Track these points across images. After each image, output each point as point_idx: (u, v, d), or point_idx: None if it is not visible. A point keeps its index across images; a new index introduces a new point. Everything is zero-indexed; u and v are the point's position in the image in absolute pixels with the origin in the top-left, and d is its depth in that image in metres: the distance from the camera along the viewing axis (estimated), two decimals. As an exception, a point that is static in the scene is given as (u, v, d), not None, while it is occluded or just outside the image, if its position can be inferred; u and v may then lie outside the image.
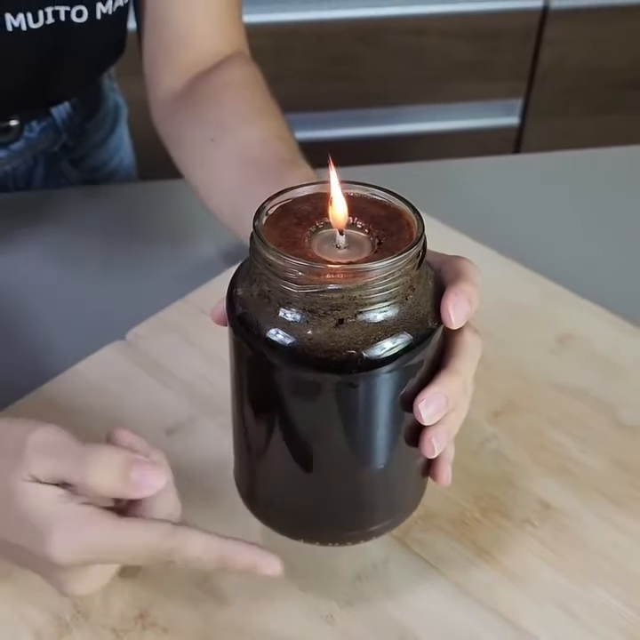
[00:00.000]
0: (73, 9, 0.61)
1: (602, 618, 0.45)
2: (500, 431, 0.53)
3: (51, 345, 0.59)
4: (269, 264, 0.36)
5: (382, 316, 0.36)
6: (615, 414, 0.55)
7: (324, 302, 0.36)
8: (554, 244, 0.70)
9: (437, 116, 1.50)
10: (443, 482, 0.43)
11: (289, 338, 0.36)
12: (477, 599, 0.45)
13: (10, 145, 0.73)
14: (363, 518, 0.43)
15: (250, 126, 0.60)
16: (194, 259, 0.67)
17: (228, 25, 0.66)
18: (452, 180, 0.77)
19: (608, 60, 1.49)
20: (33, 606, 0.44)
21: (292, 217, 0.39)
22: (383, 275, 0.36)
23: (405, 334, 0.37)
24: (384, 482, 0.42)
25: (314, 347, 0.36)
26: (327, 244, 0.38)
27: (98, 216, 0.72)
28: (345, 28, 1.39)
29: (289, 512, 0.43)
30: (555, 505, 0.50)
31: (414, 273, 0.37)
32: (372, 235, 0.38)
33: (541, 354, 0.59)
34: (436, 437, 0.40)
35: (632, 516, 0.49)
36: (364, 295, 0.36)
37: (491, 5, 1.41)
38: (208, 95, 0.63)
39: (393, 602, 0.45)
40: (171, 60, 0.66)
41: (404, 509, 0.45)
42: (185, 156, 0.64)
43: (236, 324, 0.38)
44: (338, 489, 0.42)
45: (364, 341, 0.36)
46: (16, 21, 0.59)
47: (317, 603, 0.45)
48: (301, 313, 0.36)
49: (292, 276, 0.36)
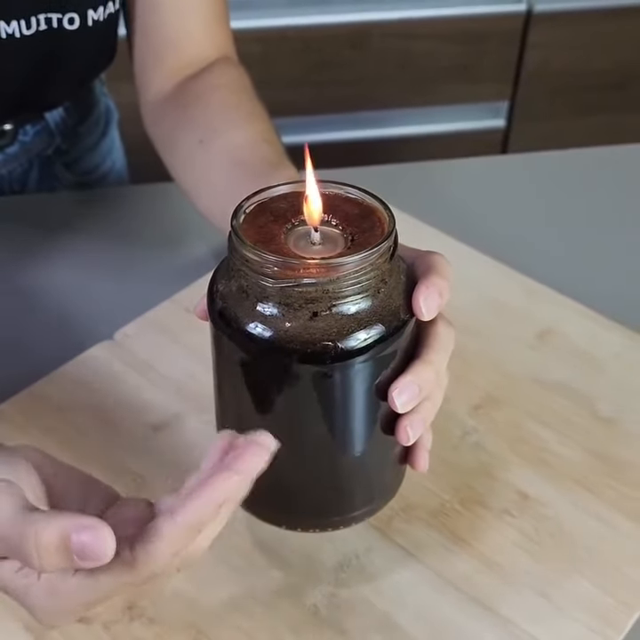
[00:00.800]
0: (65, 16, 0.62)
1: (579, 604, 0.46)
2: (480, 424, 0.55)
3: (40, 344, 0.60)
4: (246, 260, 0.37)
5: (355, 309, 0.38)
6: (593, 407, 0.56)
7: (298, 296, 0.37)
8: (535, 243, 0.71)
9: (424, 119, 1.52)
10: (420, 468, 0.44)
11: (267, 331, 0.38)
12: (457, 587, 0.47)
13: (5, 149, 0.74)
14: (342, 505, 0.44)
15: (237, 129, 0.61)
16: (182, 260, 0.68)
17: (216, 30, 0.68)
18: (437, 181, 0.78)
19: (591, 62, 1.51)
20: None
21: (269, 215, 0.40)
22: (355, 269, 0.37)
23: (378, 326, 0.38)
24: (362, 469, 0.43)
25: (290, 339, 0.37)
26: (302, 241, 0.39)
27: (88, 218, 0.73)
28: (332, 33, 1.41)
29: (270, 499, 0.44)
30: (533, 495, 0.51)
31: (386, 267, 0.38)
32: (346, 231, 0.40)
33: (521, 349, 0.60)
34: (410, 425, 0.41)
35: (608, 505, 0.50)
36: (338, 289, 0.37)
37: (476, 9, 1.42)
38: (197, 98, 0.65)
39: (375, 590, 0.46)
40: (160, 64, 0.67)
41: (382, 496, 0.46)
42: (175, 159, 0.65)
43: (216, 318, 0.40)
44: (317, 476, 0.43)
45: (338, 333, 0.37)
46: (9, 28, 0.60)
47: (302, 592, 0.46)
48: (278, 307, 0.37)
49: (267, 271, 0.37)
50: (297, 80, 1.44)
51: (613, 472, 0.52)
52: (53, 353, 0.59)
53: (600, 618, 0.45)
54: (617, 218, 0.75)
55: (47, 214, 0.73)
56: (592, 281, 0.67)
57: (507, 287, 0.65)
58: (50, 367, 0.58)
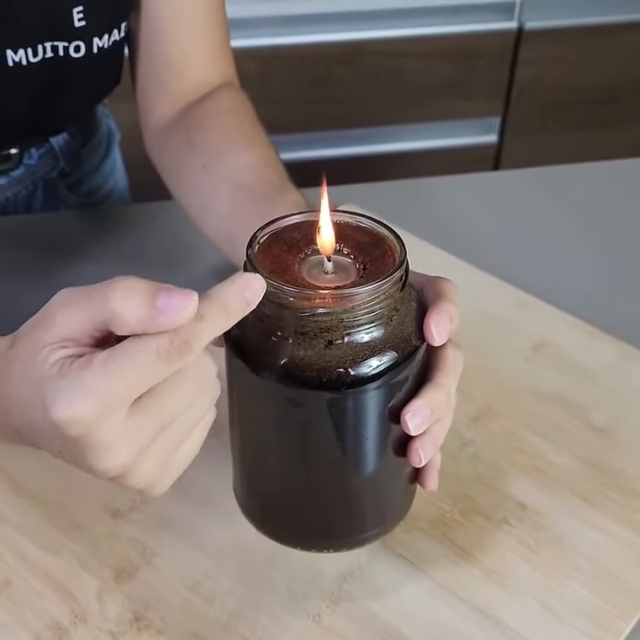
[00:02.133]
0: (71, 44, 0.63)
1: (576, 610, 0.47)
2: (477, 435, 0.56)
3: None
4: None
5: (369, 337, 0.39)
6: (587, 417, 0.58)
7: (314, 325, 0.38)
8: (528, 257, 0.72)
9: (417, 135, 1.53)
10: (430, 488, 0.45)
11: (282, 359, 0.39)
12: (458, 596, 0.47)
13: (10, 172, 0.75)
14: (356, 526, 0.46)
15: (241, 153, 0.62)
16: (182, 279, 0.69)
17: (219, 56, 0.69)
18: (430, 196, 0.79)
19: (582, 77, 1.53)
20: (31, 611, 0.46)
21: (283, 244, 0.41)
22: (369, 298, 0.38)
23: (391, 352, 0.39)
24: (374, 490, 0.44)
25: (305, 367, 0.38)
26: (316, 270, 0.40)
27: (89, 236, 0.74)
28: (325, 51, 1.43)
29: (285, 521, 0.46)
30: (530, 505, 0.52)
31: (398, 295, 0.39)
32: (358, 260, 0.41)
33: (516, 361, 0.62)
34: (422, 447, 0.42)
35: (603, 513, 0.51)
36: (352, 317, 0.38)
37: (467, 27, 1.44)
38: (200, 124, 0.66)
39: (377, 600, 0.47)
40: (163, 91, 0.68)
41: (394, 516, 0.47)
42: (179, 184, 0.66)
43: (231, 345, 0.41)
44: (330, 498, 0.44)
45: (352, 360, 0.38)
46: (17, 56, 0.62)
47: (305, 602, 0.47)
48: (293, 335, 0.38)
49: (284, 301, 0.38)
50: (291, 97, 1.45)
51: (608, 481, 0.53)
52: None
53: (598, 624, 0.46)
54: (609, 231, 0.76)
55: (49, 233, 0.74)
56: (585, 293, 0.68)
57: (500, 300, 0.67)
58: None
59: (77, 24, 0.62)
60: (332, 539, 0.46)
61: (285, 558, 0.49)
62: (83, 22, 0.62)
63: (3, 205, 0.77)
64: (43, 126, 0.72)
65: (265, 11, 1.37)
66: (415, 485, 0.47)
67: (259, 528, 0.47)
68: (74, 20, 0.62)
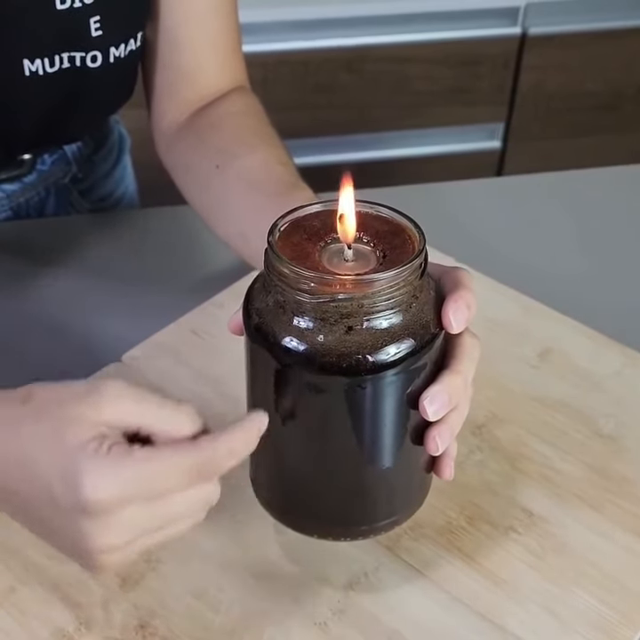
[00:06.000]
0: (88, 54, 0.63)
1: (583, 618, 0.47)
2: (483, 443, 0.56)
3: (51, 366, 0.61)
4: (284, 276, 0.39)
5: (388, 323, 0.39)
6: (594, 424, 0.57)
7: (334, 311, 0.39)
8: (532, 263, 0.72)
9: (421, 141, 1.53)
10: (446, 477, 0.45)
11: (302, 344, 0.39)
12: (465, 603, 0.47)
13: (23, 178, 0.75)
14: (371, 515, 0.46)
15: (253, 153, 0.62)
16: (188, 283, 0.70)
17: (231, 63, 0.69)
18: (433, 202, 0.79)
19: (585, 83, 1.53)
20: (37, 619, 0.46)
21: (303, 233, 0.42)
22: (389, 284, 0.39)
23: (410, 339, 0.40)
24: (390, 479, 0.45)
25: (325, 352, 0.39)
26: (336, 258, 0.41)
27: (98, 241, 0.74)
28: (329, 57, 1.43)
29: (302, 509, 0.46)
30: (537, 512, 0.52)
31: (417, 282, 0.40)
32: (377, 248, 0.41)
33: (522, 368, 0.61)
34: (439, 435, 0.42)
35: (610, 520, 0.51)
36: (372, 303, 0.39)
37: (471, 33, 1.45)
38: (211, 125, 0.66)
39: (384, 608, 0.47)
40: (175, 97, 0.69)
41: (409, 506, 0.47)
42: (191, 184, 0.67)
43: (252, 332, 0.41)
44: (347, 485, 0.44)
45: (372, 346, 0.39)
46: (33, 66, 0.62)
47: (311, 610, 0.47)
48: (314, 321, 0.39)
49: (304, 286, 0.39)
50: (294, 103, 1.45)
51: (614, 488, 0.53)
52: (63, 375, 0.60)
53: (604, 633, 0.46)
54: (612, 237, 0.76)
55: (60, 237, 0.74)
56: (590, 299, 0.68)
57: (506, 307, 0.66)
58: (59, 390, 0.58)
59: (94, 34, 0.62)
60: (348, 527, 0.46)
61: (292, 567, 0.48)
62: (99, 32, 0.63)
63: (15, 211, 0.77)
64: (57, 135, 0.72)
65: (269, 16, 1.37)
66: (431, 477, 0.47)
67: (275, 516, 0.47)
68: (91, 30, 0.62)
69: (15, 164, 0.74)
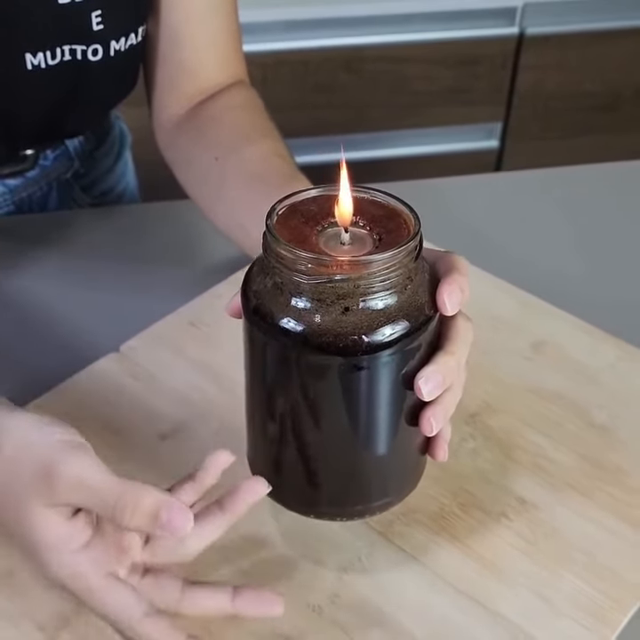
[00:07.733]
0: (89, 48, 0.64)
1: (573, 602, 0.47)
2: (476, 431, 0.56)
3: (49, 357, 0.62)
4: (281, 258, 0.40)
5: (383, 304, 0.40)
6: (586, 415, 0.58)
7: (331, 291, 0.39)
8: (528, 258, 0.73)
9: (419, 140, 1.54)
10: (440, 458, 0.46)
11: (300, 325, 0.40)
12: (457, 588, 0.48)
13: (25, 173, 0.76)
14: (366, 495, 0.46)
15: (252, 145, 0.63)
16: (185, 275, 0.70)
17: (231, 58, 0.70)
18: (430, 198, 0.80)
19: (582, 83, 1.54)
20: (35, 601, 0.47)
21: (300, 217, 0.43)
22: (384, 266, 0.39)
23: (404, 321, 0.41)
24: (385, 459, 0.45)
25: (322, 332, 0.40)
26: (333, 241, 0.42)
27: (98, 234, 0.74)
28: (327, 56, 1.44)
29: (298, 489, 0.46)
30: (529, 499, 0.52)
31: (412, 265, 0.41)
32: (373, 232, 0.42)
33: (516, 360, 0.62)
34: (434, 416, 0.43)
35: (601, 508, 0.52)
36: (368, 284, 0.39)
37: (469, 33, 1.45)
38: (211, 117, 0.67)
39: (377, 592, 0.48)
40: (175, 91, 0.70)
41: (403, 487, 0.48)
42: (190, 176, 0.68)
43: (250, 314, 0.42)
44: (342, 465, 0.45)
45: (368, 327, 0.40)
46: (35, 60, 0.62)
47: (306, 595, 0.47)
48: (311, 302, 0.40)
49: (302, 267, 0.39)
50: (294, 103, 1.46)
51: (607, 477, 0.54)
52: (62, 365, 0.60)
53: (594, 616, 0.47)
54: (609, 232, 0.77)
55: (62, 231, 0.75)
56: (586, 294, 0.69)
57: (501, 300, 0.67)
58: (57, 379, 0.59)
59: (95, 28, 0.63)
60: (344, 507, 0.47)
61: (286, 551, 0.49)
62: (101, 26, 0.63)
63: (18, 206, 0.78)
64: (59, 129, 0.73)
65: (269, 16, 1.38)
66: (425, 459, 0.48)
67: (273, 497, 0.47)
68: (92, 24, 0.63)
69: (18, 160, 0.75)
